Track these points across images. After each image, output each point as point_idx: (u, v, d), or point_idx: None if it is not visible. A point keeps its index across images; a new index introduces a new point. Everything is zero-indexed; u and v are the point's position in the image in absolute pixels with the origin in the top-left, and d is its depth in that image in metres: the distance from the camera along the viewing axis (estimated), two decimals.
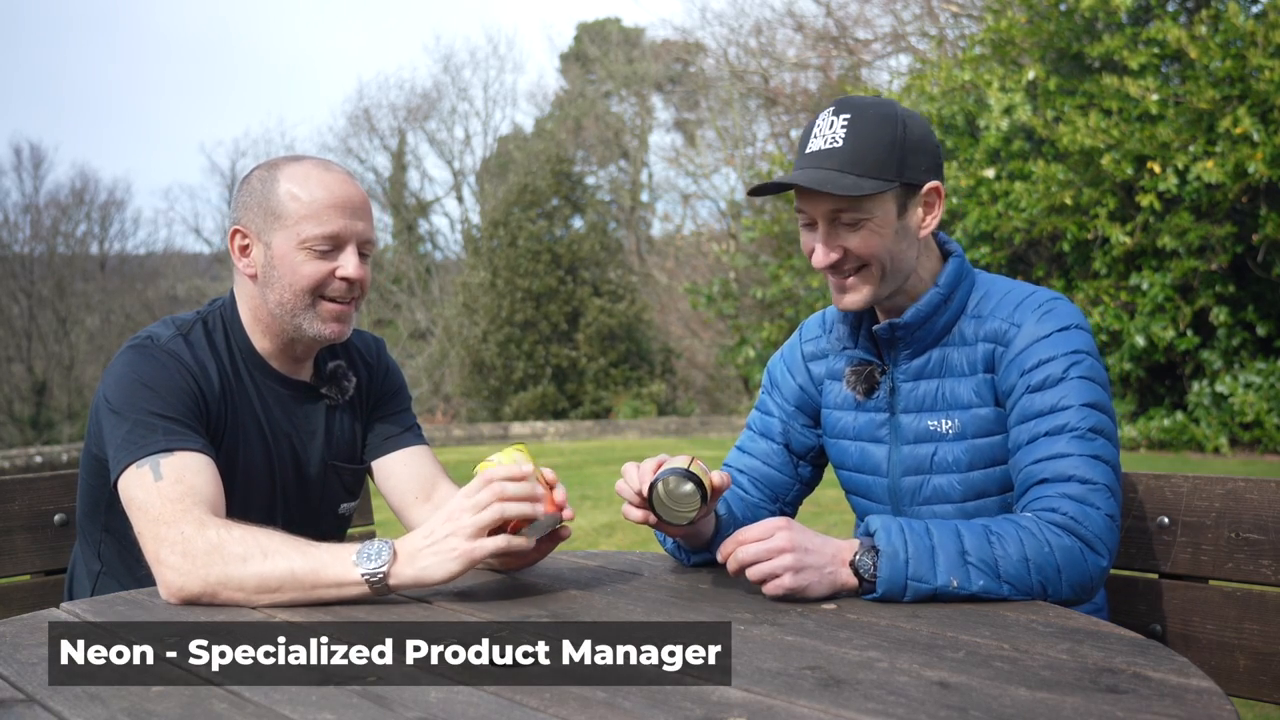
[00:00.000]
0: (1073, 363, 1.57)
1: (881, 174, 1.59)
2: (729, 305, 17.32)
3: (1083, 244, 12.09)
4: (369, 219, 1.76)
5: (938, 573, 1.42)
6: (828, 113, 1.64)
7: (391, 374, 1.97)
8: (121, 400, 1.64)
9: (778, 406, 1.86)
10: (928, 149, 1.64)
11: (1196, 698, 1.04)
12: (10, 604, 1.93)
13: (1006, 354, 1.62)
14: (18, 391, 25.68)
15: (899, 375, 1.70)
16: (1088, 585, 1.48)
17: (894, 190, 1.61)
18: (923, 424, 1.68)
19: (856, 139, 1.59)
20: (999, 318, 1.64)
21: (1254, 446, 10.88)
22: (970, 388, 1.65)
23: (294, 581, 1.44)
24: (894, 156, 1.60)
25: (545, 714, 1.03)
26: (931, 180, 1.65)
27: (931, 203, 1.66)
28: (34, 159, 29.59)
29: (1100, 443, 1.53)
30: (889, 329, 1.67)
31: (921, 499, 1.69)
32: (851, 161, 1.59)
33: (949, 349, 1.67)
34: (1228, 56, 10.63)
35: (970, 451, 1.65)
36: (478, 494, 1.46)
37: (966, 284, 1.69)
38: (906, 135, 1.61)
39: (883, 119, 1.61)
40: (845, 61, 18.98)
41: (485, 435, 17.44)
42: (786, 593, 1.44)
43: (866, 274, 1.65)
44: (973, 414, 1.65)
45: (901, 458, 1.70)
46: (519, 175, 21.60)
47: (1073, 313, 1.63)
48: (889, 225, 1.62)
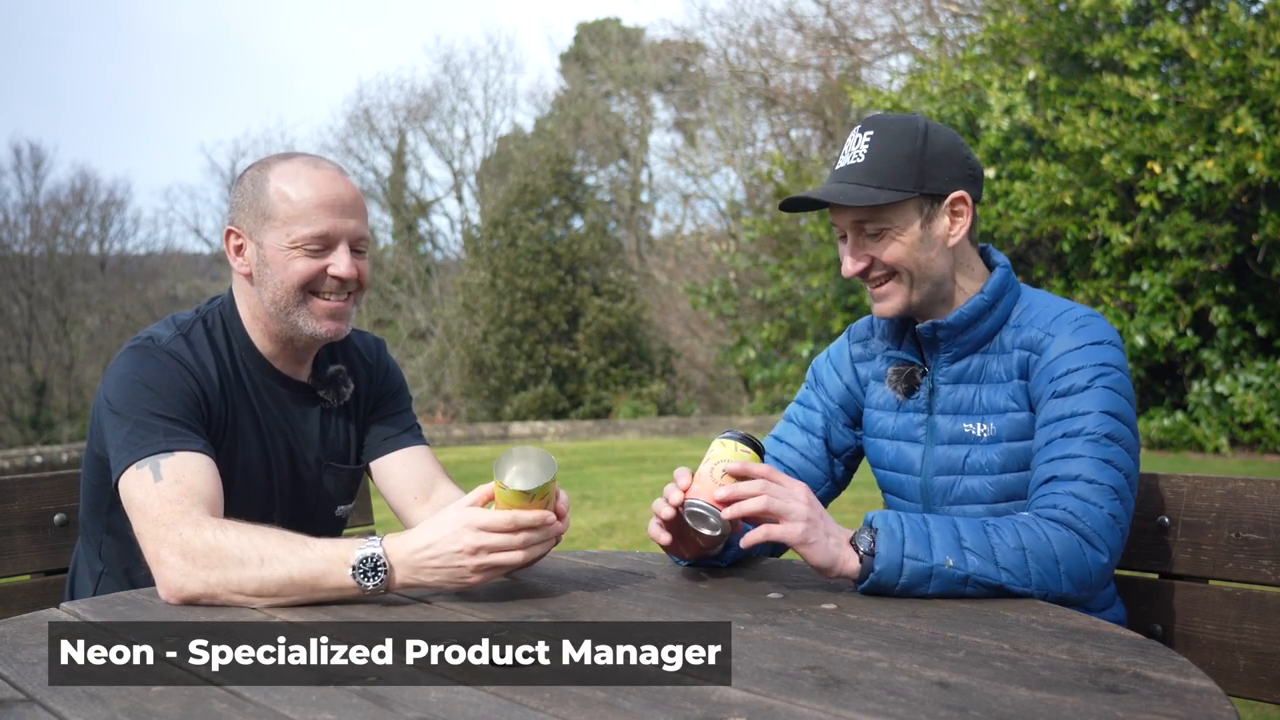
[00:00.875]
0: (1099, 374, 1.60)
1: (899, 185, 1.65)
2: (729, 305, 17.32)
3: (1083, 244, 12.08)
4: (361, 216, 1.75)
5: (934, 551, 1.44)
6: (856, 130, 1.72)
7: (391, 374, 1.97)
8: (122, 401, 1.64)
9: (821, 403, 1.89)
10: (954, 160, 1.69)
11: (1196, 698, 1.04)
12: (10, 604, 1.93)
13: (1039, 362, 1.66)
14: (18, 391, 25.68)
15: (939, 377, 1.74)
16: (1088, 580, 1.49)
17: (914, 200, 1.66)
18: (958, 426, 1.71)
19: (877, 152, 1.67)
20: (1036, 327, 1.68)
21: (1254, 446, 10.88)
22: (1006, 394, 1.69)
23: (292, 587, 1.45)
24: (912, 167, 1.66)
25: (545, 714, 1.03)
26: (957, 190, 1.69)
27: (959, 212, 1.70)
28: (34, 159, 29.61)
29: (1115, 449, 1.55)
30: (931, 329, 1.72)
31: (953, 499, 1.72)
32: (870, 174, 1.66)
33: (989, 356, 1.71)
34: (1228, 56, 10.62)
35: (1004, 454, 1.68)
36: (468, 540, 1.44)
37: (1011, 295, 1.73)
38: (927, 147, 1.67)
39: (904, 133, 1.67)
40: (845, 61, 18.98)
41: (485, 435, 17.43)
42: (794, 541, 1.46)
43: (896, 281, 1.71)
44: (1009, 418, 1.68)
45: (935, 458, 1.74)
46: (519, 175, 21.58)
47: (1107, 330, 1.66)
48: (912, 234, 1.68)
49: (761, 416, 16.07)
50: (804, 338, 15.34)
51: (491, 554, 1.44)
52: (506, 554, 1.44)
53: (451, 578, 1.45)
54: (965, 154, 1.71)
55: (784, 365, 15.73)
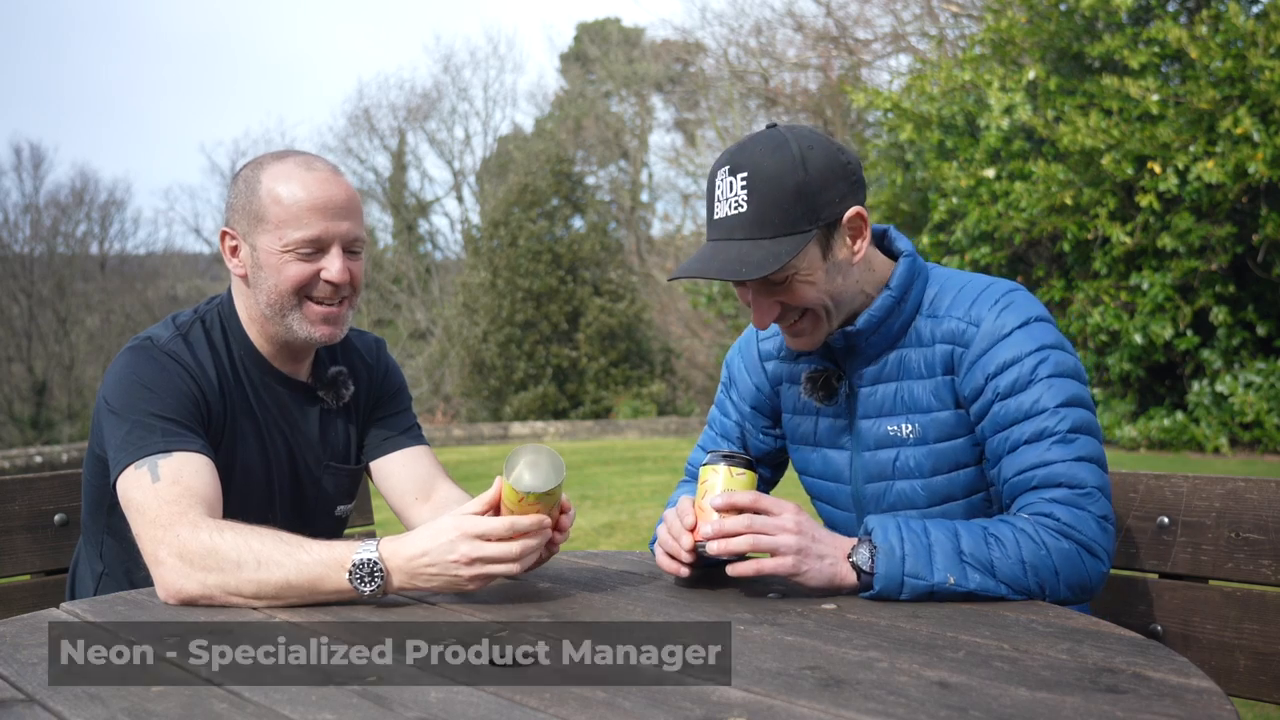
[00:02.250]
0: (1040, 360, 1.53)
1: (794, 227, 1.50)
2: (729, 305, 17.32)
3: (1083, 244, 12.08)
4: (355, 217, 1.73)
5: (934, 570, 1.42)
6: (724, 172, 1.54)
7: (391, 374, 1.97)
8: (121, 401, 1.64)
9: (734, 407, 1.84)
10: (837, 177, 1.53)
11: (1196, 698, 1.04)
12: (10, 604, 1.93)
13: (967, 355, 1.57)
14: (18, 391, 25.68)
15: (856, 380, 1.67)
16: (1087, 588, 1.48)
17: (814, 236, 1.52)
18: (882, 429, 1.65)
19: (759, 199, 1.50)
20: (955, 316, 1.59)
21: (1254, 446, 10.87)
22: (929, 390, 1.61)
23: (289, 590, 1.45)
24: (801, 205, 1.50)
25: (545, 714, 1.03)
26: (849, 207, 1.55)
27: (858, 229, 1.57)
28: (34, 159, 29.62)
29: (1082, 441, 1.51)
30: (844, 338, 1.63)
31: (886, 505, 1.67)
32: (759, 224, 1.50)
33: (906, 350, 1.63)
34: (1228, 57, 10.62)
35: (932, 456, 1.62)
36: (464, 550, 1.43)
37: (920, 282, 1.64)
38: (809, 175, 1.50)
39: (781, 168, 1.50)
40: (845, 61, 18.97)
41: (485, 435, 17.43)
42: (786, 573, 1.44)
43: (811, 318, 1.60)
44: (932, 418, 1.61)
45: (863, 464, 1.68)
46: (519, 175, 21.58)
47: (1030, 304, 1.58)
48: (818, 271, 1.55)
49: None
50: None
51: (487, 564, 1.43)
52: (502, 564, 1.44)
53: (448, 585, 1.45)
54: (843, 160, 1.55)
55: None
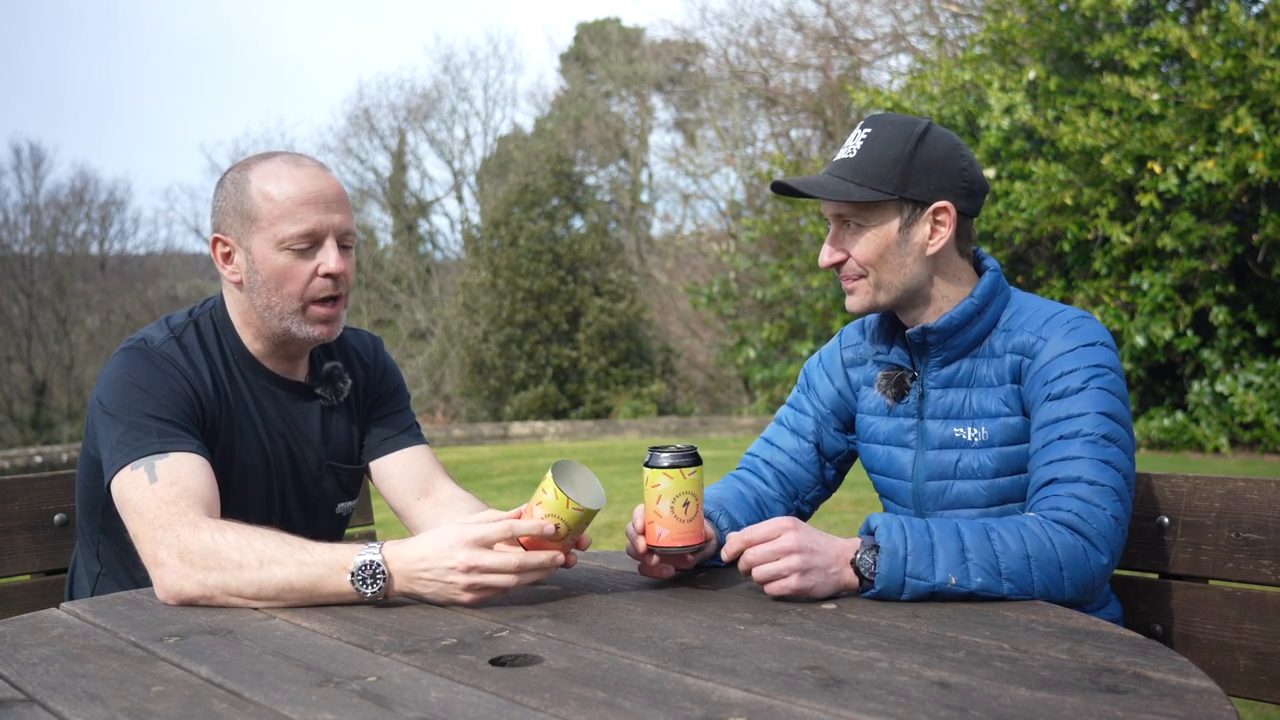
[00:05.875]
0: (1093, 375, 1.60)
1: (880, 185, 1.65)
2: (729, 305, 17.31)
3: (1083, 244, 12.08)
4: (346, 210, 1.73)
5: (936, 570, 1.43)
6: (861, 125, 1.73)
7: (389, 373, 1.97)
8: (115, 403, 1.64)
9: (813, 407, 1.89)
10: (946, 170, 1.67)
11: (1196, 698, 1.04)
12: (10, 604, 1.93)
13: (1032, 366, 1.65)
14: (18, 391, 25.67)
15: (929, 382, 1.74)
16: (1089, 584, 1.49)
17: (893, 202, 1.66)
18: (949, 431, 1.71)
19: (868, 150, 1.67)
20: (1028, 331, 1.68)
21: (1254, 446, 10.87)
22: (999, 398, 1.68)
23: (291, 591, 1.45)
24: (896, 171, 1.65)
25: (545, 714, 1.03)
26: (941, 200, 1.67)
27: (942, 222, 1.69)
28: (34, 159, 29.54)
29: (1113, 450, 1.55)
30: (921, 333, 1.72)
31: (945, 503, 1.72)
32: (856, 170, 1.67)
33: (978, 360, 1.71)
34: (1228, 56, 10.61)
35: (998, 459, 1.68)
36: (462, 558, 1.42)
37: (1001, 298, 1.73)
38: (918, 153, 1.66)
39: (898, 135, 1.67)
40: (845, 61, 18.97)
41: (485, 435, 17.43)
42: (792, 593, 1.45)
43: (864, 281, 1.72)
44: (1001, 422, 1.68)
45: (926, 463, 1.74)
46: (519, 175, 21.57)
47: (1099, 331, 1.66)
48: (887, 235, 1.68)
49: (761, 417, 16.07)
50: (804, 338, 15.33)
51: (483, 573, 1.43)
52: (498, 576, 1.43)
53: (442, 593, 1.44)
54: (963, 166, 1.69)
55: (784, 365, 15.72)
